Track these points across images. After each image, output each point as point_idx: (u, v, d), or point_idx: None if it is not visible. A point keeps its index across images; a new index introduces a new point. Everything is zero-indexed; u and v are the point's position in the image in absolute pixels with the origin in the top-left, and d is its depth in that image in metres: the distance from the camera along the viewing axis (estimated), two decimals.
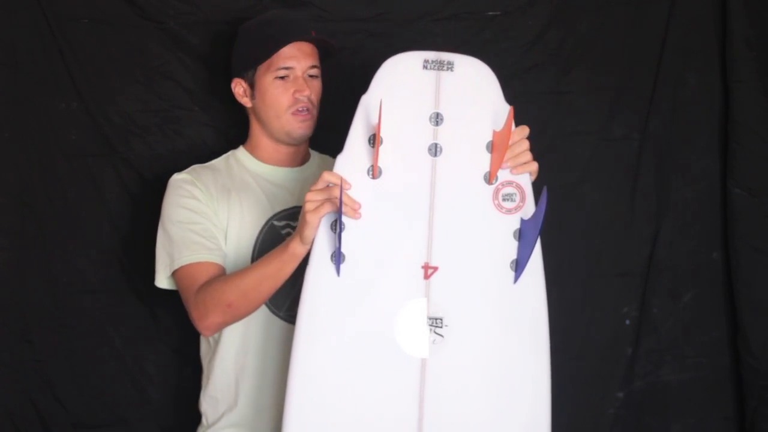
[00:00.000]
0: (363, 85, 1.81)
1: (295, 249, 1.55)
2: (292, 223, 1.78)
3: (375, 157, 1.52)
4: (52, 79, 2.01)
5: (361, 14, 2.07)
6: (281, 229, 1.78)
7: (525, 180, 1.56)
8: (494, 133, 1.56)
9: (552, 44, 2.13)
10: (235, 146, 1.90)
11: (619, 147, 2.15)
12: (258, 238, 1.76)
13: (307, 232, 1.51)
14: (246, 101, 1.84)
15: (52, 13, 1.99)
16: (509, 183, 1.54)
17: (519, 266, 1.52)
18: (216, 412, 1.76)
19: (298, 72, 1.77)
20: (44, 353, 2.04)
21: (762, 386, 2.12)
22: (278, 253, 1.59)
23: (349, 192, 1.50)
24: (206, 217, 1.74)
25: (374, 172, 1.52)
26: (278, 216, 1.79)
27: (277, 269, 1.58)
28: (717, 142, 2.16)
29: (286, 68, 1.76)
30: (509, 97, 2.10)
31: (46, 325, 2.04)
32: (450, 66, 1.55)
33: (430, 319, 1.50)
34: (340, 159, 1.54)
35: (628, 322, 2.18)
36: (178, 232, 1.72)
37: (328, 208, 1.49)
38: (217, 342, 1.76)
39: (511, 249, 1.53)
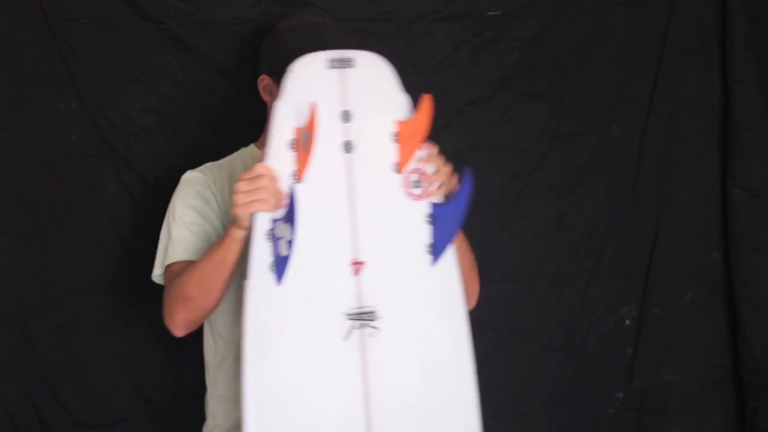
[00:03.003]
0: None
1: (233, 234, 1.55)
2: None
3: (302, 160, 1.53)
4: (52, 79, 2.01)
5: (361, 14, 2.07)
6: None
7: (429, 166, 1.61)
8: (398, 123, 1.59)
9: (552, 44, 2.12)
10: (235, 147, 1.90)
11: (619, 147, 2.16)
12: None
13: (242, 223, 1.52)
14: (268, 99, 1.79)
15: (52, 13, 1.99)
16: (415, 170, 1.60)
17: (436, 249, 1.58)
18: (226, 411, 1.75)
19: None
20: (44, 353, 2.03)
21: (762, 386, 2.13)
22: (221, 240, 1.59)
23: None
24: (208, 220, 1.73)
25: (299, 175, 1.54)
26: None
27: (222, 256, 1.57)
28: (717, 142, 2.16)
29: None
30: (510, 97, 2.12)
31: (46, 325, 2.03)
32: (351, 63, 1.59)
33: (364, 314, 1.54)
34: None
35: (628, 322, 2.18)
36: (178, 229, 1.72)
37: (258, 206, 1.50)
38: (224, 340, 1.75)
39: (425, 233, 1.58)
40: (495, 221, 2.12)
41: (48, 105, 2.01)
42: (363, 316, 1.54)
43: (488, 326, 1.98)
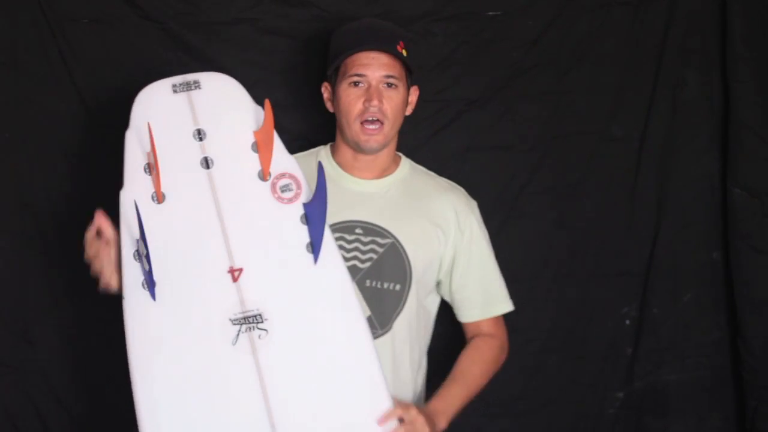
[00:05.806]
0: None
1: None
2: (346, 237, 1.74)
3: (156, 182, 1.57)
4: (52, 79, 2.01)
5: (361, 14, 2.06)
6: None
7: (295, 167, 1.65)
8: (255, 133, 1.64)
9: (552, 44, 2.12)
10: None
11: (619, 147, 2.15)
12: None
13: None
14: (329, 106, 1.81)
15: (52, 13, 1.99)
16: (282, 175, 1.64)
17: (315, 247, 1.61)
18: None
19: (372, 81, 1.71)
20: (44, 353, 2.04)
21: (762, 386, 2.12)
22: None
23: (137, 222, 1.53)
24: None
25: (159, 197, 1.58)
26: (332, 227, 1.73)
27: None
28: (717, 142, 2.15)
29: (359, 75, 1.71)
30: (510, 97, 2.12)
31: (46, 325, 2.04)
32: (197, 84, 1.66)
33: (249, 317, 1.56)
34: (124, 194, 1.60)
35: (628, 322, 2.18)
36: None
37: (104, 258, 1.55)
38: None
39: (302, 234, 1.62)
40: (495, 221, 2.11)
41: (48, 105, 2.02)
42: (249, 320, 1.56)
43: None
